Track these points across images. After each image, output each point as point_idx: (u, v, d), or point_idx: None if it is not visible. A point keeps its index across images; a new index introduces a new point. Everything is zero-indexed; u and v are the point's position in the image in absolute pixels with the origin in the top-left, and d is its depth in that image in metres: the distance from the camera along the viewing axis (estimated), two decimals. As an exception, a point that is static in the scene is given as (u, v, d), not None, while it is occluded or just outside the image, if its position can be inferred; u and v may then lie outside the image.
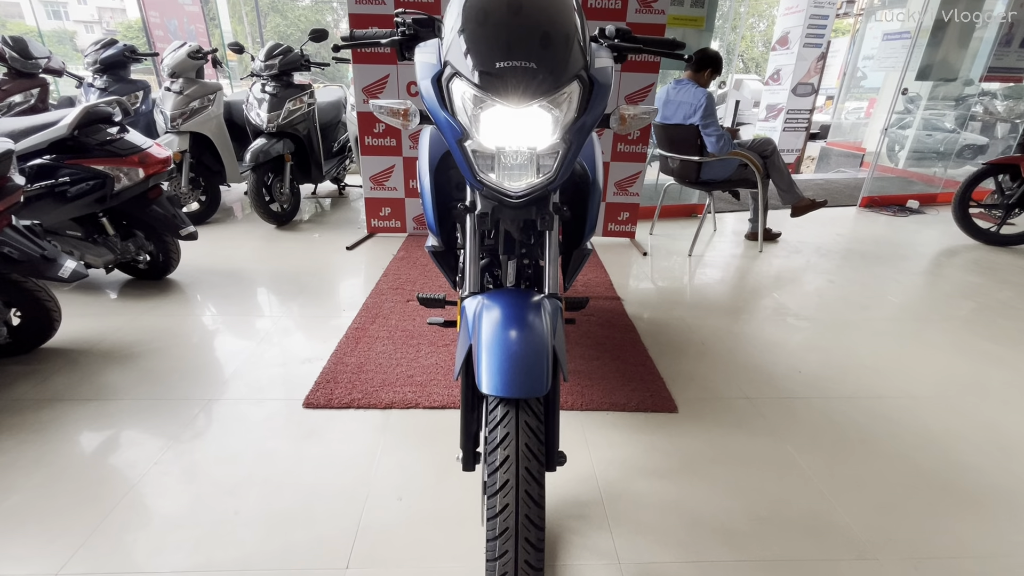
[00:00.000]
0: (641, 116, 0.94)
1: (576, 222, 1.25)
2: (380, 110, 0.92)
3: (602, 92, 0.87)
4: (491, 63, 0.80)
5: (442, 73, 0.86)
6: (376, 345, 1.94)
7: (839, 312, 2.40)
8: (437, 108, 0.87)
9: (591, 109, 0.86)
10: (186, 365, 1.79)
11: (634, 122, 0.94)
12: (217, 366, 1.80)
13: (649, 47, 1.08)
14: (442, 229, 1.17)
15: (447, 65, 0.85)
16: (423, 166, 1.13)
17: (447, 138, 0.88)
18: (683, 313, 2.32)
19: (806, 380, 1.82)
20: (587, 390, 1.69)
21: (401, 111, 0.91)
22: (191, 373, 1.75)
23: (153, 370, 1.76)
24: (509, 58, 0.79)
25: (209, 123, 3.32)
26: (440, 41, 0.92)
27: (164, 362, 1.81)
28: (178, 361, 1.82)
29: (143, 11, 5.46)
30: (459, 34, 0.84)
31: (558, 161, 0.88)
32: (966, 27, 4.38)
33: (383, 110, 0.91)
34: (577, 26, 0.86)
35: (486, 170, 0.89)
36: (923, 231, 3.89)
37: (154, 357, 1.84)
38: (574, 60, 0.83)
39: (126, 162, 2.07)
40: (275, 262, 2.82)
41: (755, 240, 3.40)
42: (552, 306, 0.94)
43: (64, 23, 32.06)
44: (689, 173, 3.02)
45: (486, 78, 0.80)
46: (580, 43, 0.85)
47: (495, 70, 0.80)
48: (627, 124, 0.94)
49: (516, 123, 0.84)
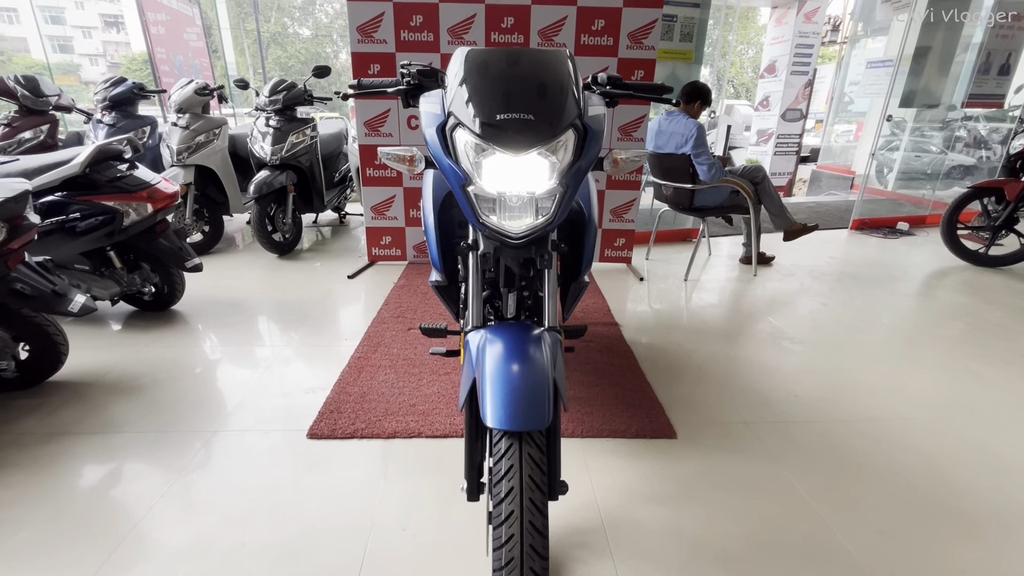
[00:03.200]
0: (632, 160, 1.01)
1: (573, 256, 1.31)
2: (388, 157, 0.98)
3: (596, 138, 0.94)
4: (492, 115, 0.86)
5: (446, 123, 0.93)
6: (378, 374, 1.97)
7: (833, 335, 2.44)
8: (442, 155, 0.93)
9: (586, 154, 0.93)
10: (191, 396, 1.82)
11: (626, 165, 1.01)
12: (221, 397, 1.82)
13: (639, 92, 1.15)
14: (445, 265, 1.23)
15: (450, 115, 0.92)
16: (427, 206, 1.19)
17: (451, 183, 0.94)
18: (680, 338, 2.36)
19: (802, 403, 1.85)
20: (587, 417, 1.72)
21: (407, 157, 0.97)
22: (196, 404, 1.77)
23: (158, 402, 1.78)
24: (508, 110, 0.86)
25: (214, 156, 3.41)
26: (443, 91, 0.99)
27: (169, 394, 1.83)
28: (183, 392, 1.84)
29: (150, 48, 5.63)
30: (461, 85, 0.91)
31: (556, 203, 0.93)
32: (946, 56, 4.55)
33: (391, 157, 0.97)
34: (571, 77, 0.93)
35: (488, 212, 0.94)
36: (913, 253, 3.97)
37: (159, 389, 1.86)
38: (569, 110, 0.90)
39: (135, 198, 2.13)
40: (277, 291, 2.86)
41: (749, 264, 3.47)
42: (552, 339, 0.98)
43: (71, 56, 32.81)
44: (683, 200, 3.10)
45: (487, 129, 0.86)
46: (574, 93, 0.92)
47: (496, 121, 0.86)
48: (619, 167, 1.00)
49: (516, 169, 0.89)
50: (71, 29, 33.20)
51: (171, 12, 6.14)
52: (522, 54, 0.93)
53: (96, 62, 32.66)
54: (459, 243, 1.06)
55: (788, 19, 7.86)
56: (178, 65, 6.16)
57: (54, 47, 32.48)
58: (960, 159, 5.66)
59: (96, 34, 33.16)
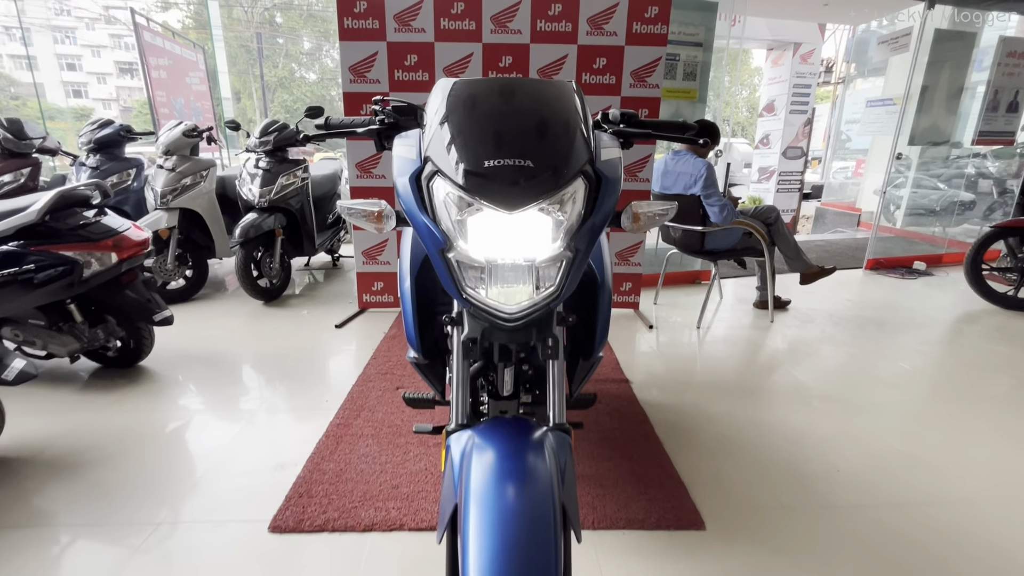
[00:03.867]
0: (657, 214, 0.81)
1: (584, 328, 1.08)
2: (350, 212, 0.78)
3: (611, 188, 0.75)
4: (478, 161, 0.67)
5: (422, 170, 0.74)
6: (359, 445, 1.73)
7: (866, 392, 2.20)
8: (416, 211, 0.73)
9: (599, 208, 0.73)
10: (140, 476, 1.58)
11: (649, 222, 0.81)
12: (176, 476, 1.58)
13: (660, 132, 0.97)
14: (424, 340, 1.02)
15: (428, 161, 0.73)
16: (403, 269, 0.99)
17: (427, 246, 0.75)
18: (698, 397, 2.12)
19: (846, 481, 1.60)
20: (599, 501, 1.47)
21: (374, 213, 0.78)
22: (144, 487, 1.53)
23: (101, 484, 1.54)
24: (500, 155, 0.67)
25: (200, 199, 3.27)
26: (422, 132, 0.81)
27: (115, 473, 1.59)
28: (132, 471, 1.60)
29: (150, 91, 5.62)
30: (441, 125, 0.73)
31: (562, 273, 0.73)
32: (953, 94, 4.48)
33: (353, 212, 0.78)
34: (579, 114, 0.75)
35: (474, 285, 0.74)
36: (935, 295, 3.76)
37: (106, 466, 1.62)
38: (577, 153, 0.71)
39: (98, 247, 1.95)
40: (258, 343, 2.65)
41: (763, 308, 3.26)
42: (558, 441, 0.76)
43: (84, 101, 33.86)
44: (693, 243, 2.92)
45: (473, 179, 0.68)
46: (583, 132, 0.74)
47: (483, 169, 0.67)
48: (641, 223, 0.81)
49: (510, 230, 0.70)
50: (86, 75, 34.43)
51: (174, 57, 6.19)
52: (518, 86, 0.75)
53: (109, 106, 33.67)
54: (442, 317, 0.86)
55: (784, 60, 7.96)
56: (179, 108, 6.16)
57: (69, 92, 33.61)
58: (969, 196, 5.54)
59: (111, 80, 34.33)
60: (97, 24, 31.92)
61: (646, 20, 2.69)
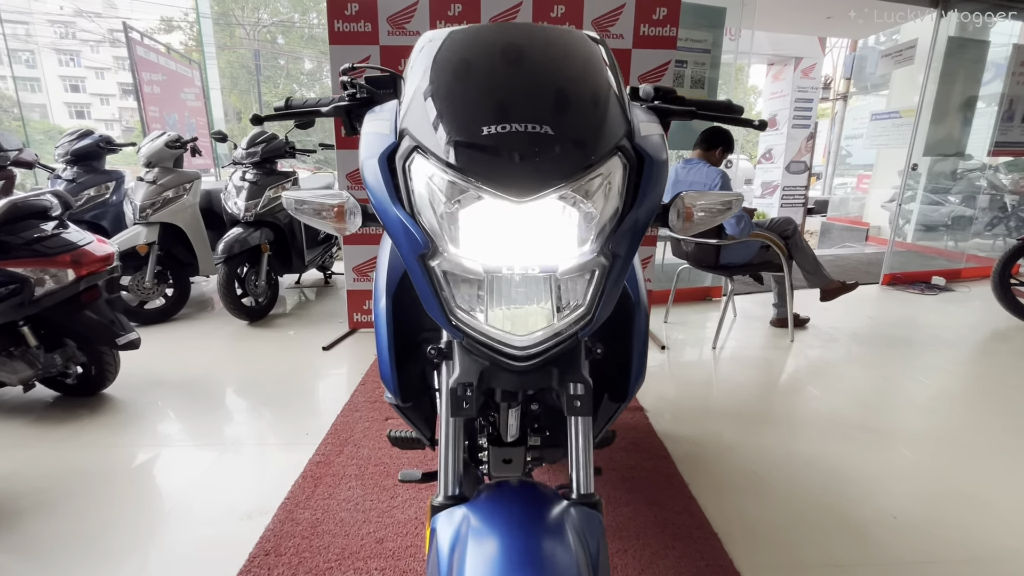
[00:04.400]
0: (716, 208, 0.61)
1: (613, 362, 0.83)
2: (299, 207, 0.59)
3: (658, 171, 0.55)
4: (474, 128, 0.48)
5: (397, 148, 0.54)
6: (340, 488, 1.51)
7: (907, 420, 1.98)
8: (388, 203, 0.54)
9: (643, 198, 0.53)
10: (85, 527, 1.35)
11: (704, 219, 0.61)
12: (124, 529, 1.35)
13: (706, 110, 0.78)
14: (406, 376, 0.80)
15: (404, 135, 0.54)
16: (379, 284, 0.78)
17: (402, 251, 0.55)
18: (722, 427, 1.91)
19: (905, 530, 1.37)
20: (619, 558, 1.25)
21: (332, 208, 0.58)
22: (85, 542, 1.30)
23: (36, 538, 1.31)
24: (505, 120, 0.48)
25: (183, 213, 3.08)
26: (399, 104, 0.61)
27: (56, 522, 1.37)
28: (76, 520, 1.38)
29: (141, 106, 5.51)
30: (424, 87, 0.54)
31: (594, 288, 0.53)
32: (968, 104, 4.34)
33: (304, 208, 0.59)
34: (610, 71, 0.56)
35: (469, 305, 0.54)
36: (959, 311, 3.56)
37: (45, 515, 1.39)
38: (612, 123, 0.52)
39: (54, 263, 1.76)
40: (239, 367, 2.43)
41: (782, 327, 3.05)
42: (585, 521, 0.55)
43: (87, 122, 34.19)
44: (707, 257, 2.73)
45: (467, 153, 0.48)
46: (618, 96, 0.54)
47: (482, 139, 0.48)
48: (694, 222, 0.61)
49: (520, 227, 0.50)
50: (90, 96, 34.84)
51: (168, 72, 6.10)
52: (530, 34, 0.56)
53: (112, 127, 33.96)
54: (427, 349, 0.65)
55: (785, 75, 7.91)
56: (172, 124, 6.05)
57: (72, 113, 33.95)
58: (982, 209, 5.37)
59: (114, 101, 34.70)
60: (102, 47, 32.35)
61: (654, 22, 2.54)
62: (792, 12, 5.39)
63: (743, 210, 2.56)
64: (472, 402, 0.60)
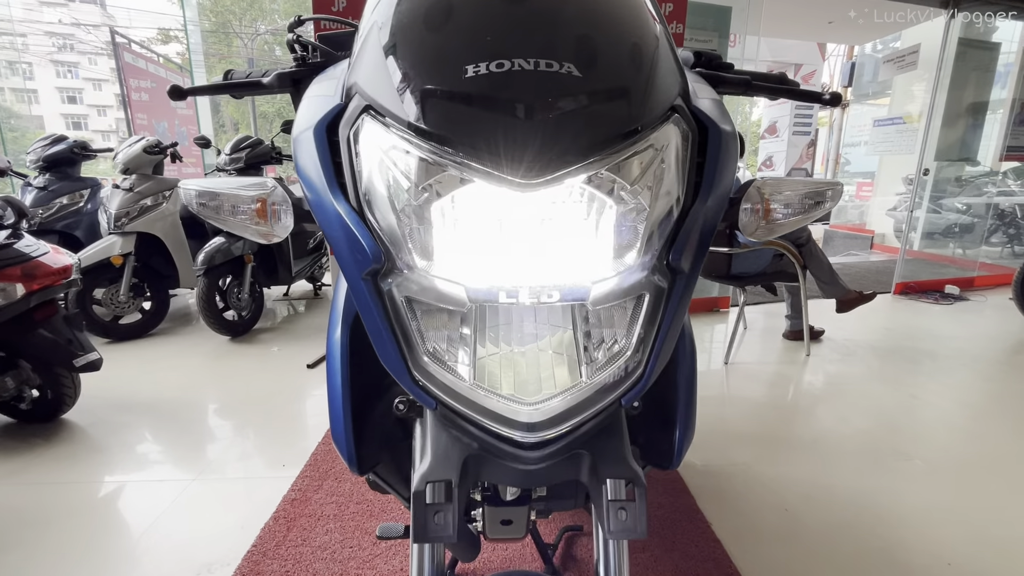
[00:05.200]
0: (806, 202, 0.44)
1: (652, 419, 0.60)
2: (208, 204, 0.42)
3: (727, 147, 0.38)
4: (456, 69, 0.31)
5: (342, 113, 0.37)
6: (316, 531, 1.32)
7: (949, 445, 1.81)
8: (324, 192, 0.36)
9: (711, 187, 0.36)
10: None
11: (789, 216, 0.44)
12: (61, 586, 1.16)
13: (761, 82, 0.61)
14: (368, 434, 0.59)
15: (353, 95, 0.36)
16: (334, 314, 0.58)
17: (343, 265, 0.37)
18: (744, 454, 1.73)
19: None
20: (638, 621, 1.06)
21: (252, 204, 0.41)
22: (13, 604, 1.11)
23: (-46, 600, 1.12)
24: (502, 54, 0.31)
25: (161, 222, 2.91)
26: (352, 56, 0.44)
27: (-18, 580, 1.18)
28: (11, 574, 1.19)
29: (128, 113, 5.37)
30: (387, 42, 0.36)
31: (643, 322, 0.35)
32: (978, 108, 4.22)
33: (214, 204, 0.41)
34: (657, 28, 0.39)
35: (448, 349, 0.36)
36: (978, 321, 3.40)
37: (-29, 570, 1.20)
38: (664, 76, 0.35)
39: (1, 276, 1.58)
40: (215, 388, 2.25)
41: (796, 340, 2.88)
42: None
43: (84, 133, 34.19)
44: (718, 267, 2.57)
45: (443, 109, 0.31)
46: (671, 49, 0.38)
47: (465, 85, 0.31)
48: (772, 222, 0.44)
49: (526, 227, 0.33)
50: (87, 108, 34.88)
51: (157, 79, 5.98)
52: None
53: (108, 138, 33.92)
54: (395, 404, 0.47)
55: (786, 82, 7.82)
56: (161, 132, 5.92)
57: (69, 124, 33.95)
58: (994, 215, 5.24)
59: (111, 112, 34.71)
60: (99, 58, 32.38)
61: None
62: (795, 16, 5.29)
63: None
64: (449, 517, 0.40)
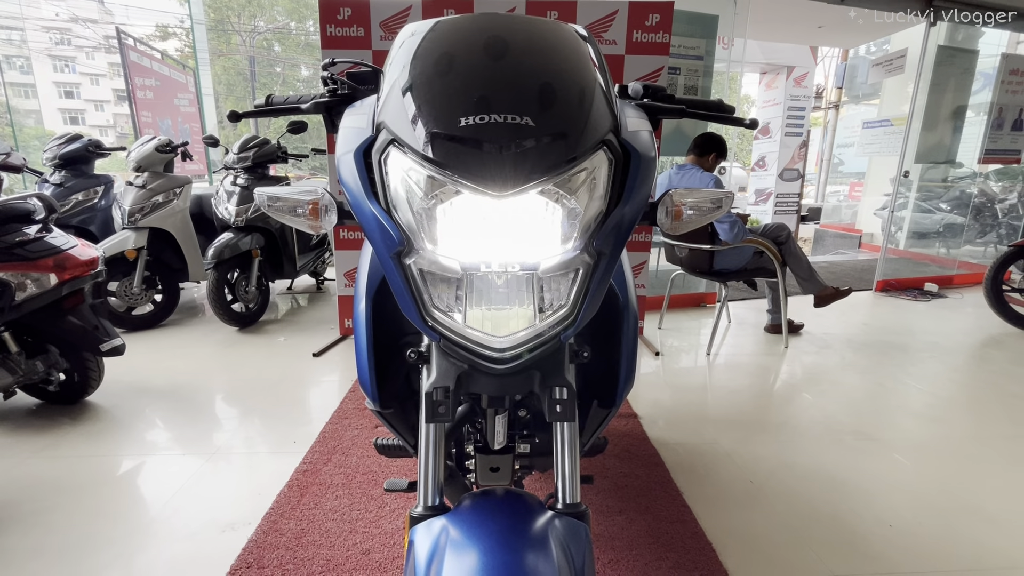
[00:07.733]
0: (706, 206, 0.60)
1: (602, 366, 0.81)
2: (274, 204, 0.57)
3: (646, 167, 0.53)
4: (452, 118, 0.46)
5: (373, 142, 0.52)
6: (327, 497, 1.47)
7: (906, 428, 1.97)
8: (363, 199, 0.52)
9: (631, 195, 0.52)
10: (61, 541, 1.31)
11: (694, 218, 0.60)
12: (102, 543, 1.31)
13: (696, 109, 0.77)
14: (387, 381, 0.78)
15: (381, 129, 0.52)
16: (360, 286, 0.76)
17: (377, 249, 0.53)
18: (717, 434, 1.88)
19: (904, 541, 1.35)
20: (611, 568, 1.21)
21: (307, 205, 0.56)
22: (61, 556, 1.26)
23: (9, 553, 1.27)
24: (484, 111, 0.46)
25: (172, 218, 3.05)
26: (378, 98, 0.59)
27: (31, 536, 1.32)
28: (51, 534, 1.33)
29: (133, 110, 5.48)
30: (402, 80, 0.52)
31: (577, 287, 0.51)
32: (958, 112, 4.38)
33: (277, 205, 0.57)
34: (596, 65, 0.54)
35: (447, 305, 0.52)
36: (953, 317, 3.56)
37: (13, 530, 1.35)
38: (597, 116, 0.50)
39: (36, 267, 1.72)
40: (227, 374, 2.39)
41: (776, 333, 3.04)
42: (570, 532, 0.53)
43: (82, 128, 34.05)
44: (700, 263, 2.72)
45: (444, 145, 0.46)
46: (604, 90, 0.53)
47: (459, 131, 0.46)
48: (683, 220, 0.59)
49: (500, 222, 0.48)
50: (84, 103, 34.74)
51: (161, 77, 6.08)
52: (512, 25, 0.55)
53: (106, 133, 33.83)
54: (408, 353, 0.63)
55: (778, 83, 7.97)
56: (165, 129, 6.02)
57: (66, 119, 33.83)
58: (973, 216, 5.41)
59: (108, 107, 34.59)
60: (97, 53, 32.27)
61: (647, 28, 2.55)
62: (784, 21, 5.43)
63: (736, 216, 2.56)
64: (449, 407, 0.58)
